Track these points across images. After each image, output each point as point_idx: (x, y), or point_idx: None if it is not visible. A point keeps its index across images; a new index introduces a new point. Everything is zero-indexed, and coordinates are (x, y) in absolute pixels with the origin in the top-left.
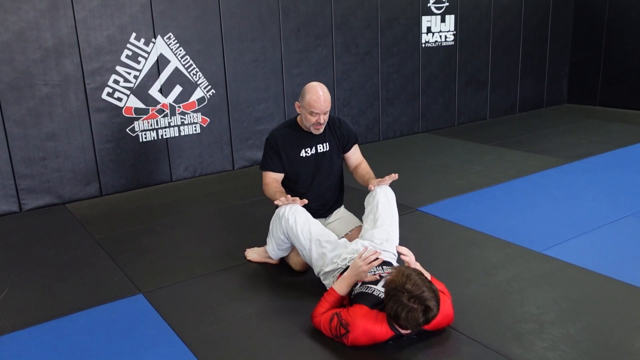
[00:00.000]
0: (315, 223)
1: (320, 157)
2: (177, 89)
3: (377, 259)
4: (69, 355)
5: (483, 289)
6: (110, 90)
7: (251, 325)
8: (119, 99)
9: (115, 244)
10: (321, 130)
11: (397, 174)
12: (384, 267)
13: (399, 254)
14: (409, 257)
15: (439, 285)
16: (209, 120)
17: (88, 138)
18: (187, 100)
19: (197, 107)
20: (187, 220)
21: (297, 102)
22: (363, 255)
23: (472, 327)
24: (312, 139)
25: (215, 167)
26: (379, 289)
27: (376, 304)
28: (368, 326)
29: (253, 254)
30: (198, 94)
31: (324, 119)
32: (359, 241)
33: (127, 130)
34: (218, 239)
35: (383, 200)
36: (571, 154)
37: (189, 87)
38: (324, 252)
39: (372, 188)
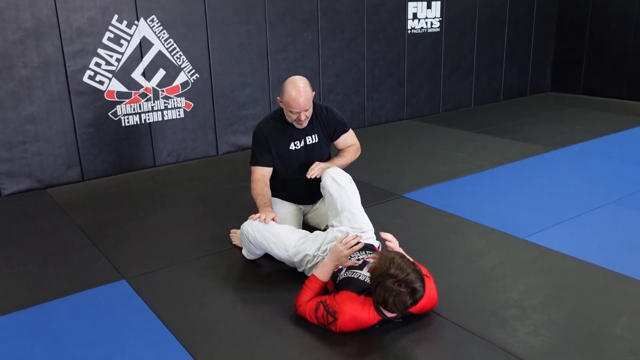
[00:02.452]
0: (285, 230)
1: (310, 148)
2: (161, 73)
3: (358, 243)
4: (51, 342)
5: (467, 275)
6: (92, 74)
7: (236, 311)
8: (101, 82)
9: (97, 230)
10: (304, 125)
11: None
12: (366, 251)
13: (384, 240)
14: (393, 242)
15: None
16: (192, 104)
17: (69, 122)
18: (171, 84)
19: (180, 92)
20: (170, 206)
21: (278, 97)
22: (344, 240)
23: (456, 313)
24: (300, 132)
25: (199, 153)
26: (365, 274)
27: (363, 289)
28: (356, 312)
29: (237, 239)
30: (182, 78)
31: (305, 115)
32: (334, 230)
33: (109, 114)
34: (202, 225)
35: (331, 184)
36: (554, 141)
37: (173, 71)
38: (305, 254)
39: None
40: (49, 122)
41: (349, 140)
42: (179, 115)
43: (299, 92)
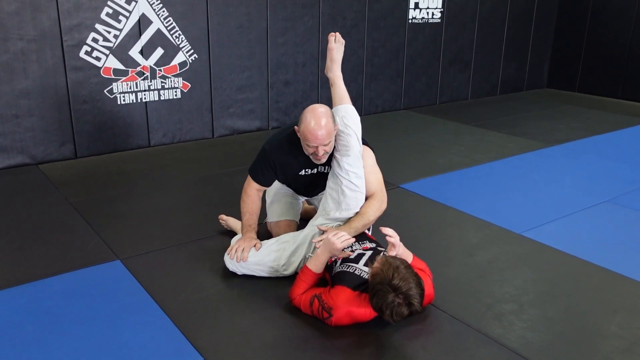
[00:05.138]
0: (270, 250)
1: (320, 175)
2: (159, 52)
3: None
4: (43, 320)
5: (464, 268)
6: (89, 49)
7: (232, 295)
8: (98, 59)
9: (91, 208)
10: (322, 161)
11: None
12: (360, 242)
13: (384, 235)
14: (394, 238)
15: (420, 264)
16: (190, 85)
17: (64, 97)
18: (169, 63)
19: (178, 72)
20: (165, 187)
21: (295, 126)
22: (338, 234)
23: (453, 306)
24: (314, 163)
25: (194, 134)
26: (361, 268)
27: (358, 284)
28: (351, 309)
29: (227, 224)
30: (180, 57)
31: (323, 150)
32: (318, 219)
33: (105, 91)
34: (197, 208)
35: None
36: (550, 138)
37: (171, 50)
38: (296, 258)
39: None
40: (43, 96)
41: (370, 187)
42: (176, 95)
43: (319, 124)
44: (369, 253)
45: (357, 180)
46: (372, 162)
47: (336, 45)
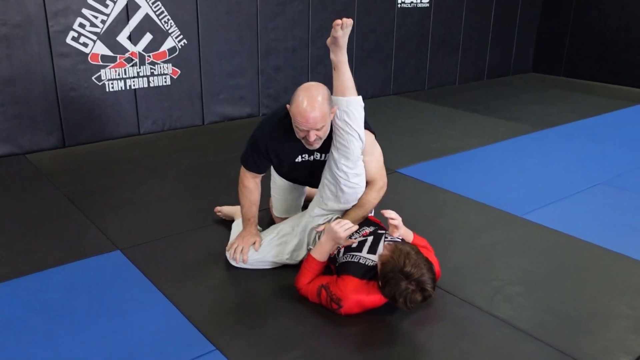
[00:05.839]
0: (271, 245)
1: (319, 163)
2: (147, 37)
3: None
4: (47, 313)
5: (468, 251)
6: (76, 35)
7: (239, 285)
8: (85, 45)
9: (84, 198)
10: (315, 147)
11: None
12: (359, 229)
13: (387, 218)
14: (397, 220)
15: (421, 242)
16: (179, 72)
17: (51, 85)
18: (158, 49)
19: (167, 58)
20: (158, 176)
21: (287, 104)
22: (341, 223)
23: (461, 290)
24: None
25: (184, 122)
26: (365, 256)
27: (365, 272)
28: (360, 298)
29: (223, 214)
30: (169, 43)
31: (315, 135)
32: (315, 209)
33: (93, 78)
34: (193, 196)
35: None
36: (541, 122)
37: (160, 36)
38: (297, 250)
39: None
40: (29, 84)
41: (370, 174)
42: (165, 82)
43: (312, 105)
44: (370, 239)
45: (356, 179)
46: (372, 149)
47: (343, 32)
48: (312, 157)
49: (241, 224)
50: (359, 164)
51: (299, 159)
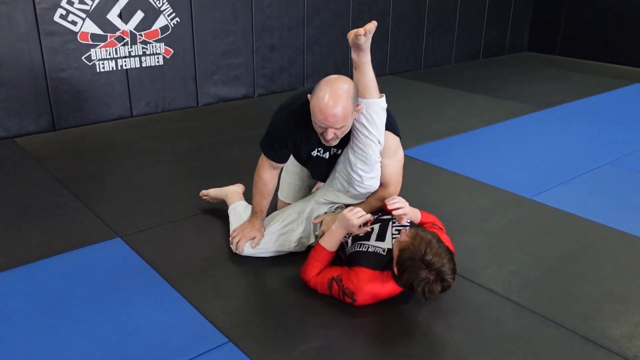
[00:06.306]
0: (276, 234)
1: (333, 157)
2: (139, 15)
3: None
4: (48, 304)
5: (481, 235)
6: (64, 12)
7: (246, 274)
8: (74, 23)
9: (79, 184)
10: (332, 144)
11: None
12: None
13: (392, 210)
14: (402, 210)
15: (431, 219)
16: (172, 51)
17: (39, 65)
18: (150, 28)
19: (160, 37)
20: (154, 160)
21: (309, 95)
22: (354, 210)
23: (477, 275)
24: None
25: (178, 103)
26: (374, 245)
27: (377, 262)
28: (375, 290)
29: (211, 197)
30: (161, 21)
31: (333, 134)
32: (319, 199)
33: (82, 58)
34: (190, 180)
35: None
36: (540, 101)
37: (152, 14)
38: (303, 238)
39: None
40: (17, 65)
41: (385, 174)
42: (158, 62)
43: (335, 101)
44: (376, 227)
45: (371, 181)
46: (393, 152)
47: (366, 37)
48: (326, 154)
49: (237, 211)
50: (376, 167)
51: (314, 153)
